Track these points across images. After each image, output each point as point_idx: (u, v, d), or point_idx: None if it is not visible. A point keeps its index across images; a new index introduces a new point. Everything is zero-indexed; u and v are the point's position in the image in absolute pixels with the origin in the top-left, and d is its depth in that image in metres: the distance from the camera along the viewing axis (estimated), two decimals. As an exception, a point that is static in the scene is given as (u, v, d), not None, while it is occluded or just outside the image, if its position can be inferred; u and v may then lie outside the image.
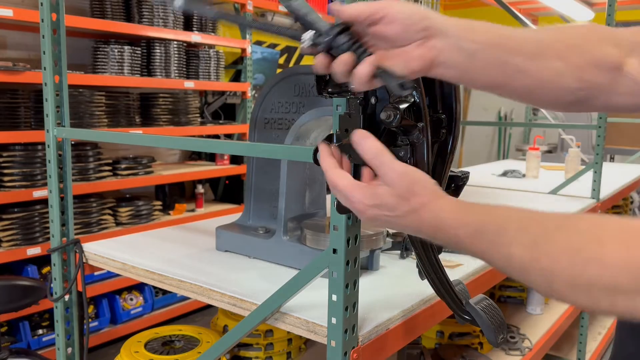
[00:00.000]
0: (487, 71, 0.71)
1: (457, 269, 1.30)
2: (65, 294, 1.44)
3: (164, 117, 3.66)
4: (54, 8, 1.39)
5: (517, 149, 5.44)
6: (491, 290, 2.42)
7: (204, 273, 1.22)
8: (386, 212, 0.69)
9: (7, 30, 3.19)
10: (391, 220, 0.70)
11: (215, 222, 1.50)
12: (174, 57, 3.62)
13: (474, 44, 0.69)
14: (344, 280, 0.87)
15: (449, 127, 0.84)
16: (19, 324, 2.96)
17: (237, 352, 1.46)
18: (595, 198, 2.30)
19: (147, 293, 3.57)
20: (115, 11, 3.34)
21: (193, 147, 1.27)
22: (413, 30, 0.67)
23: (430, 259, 0.87)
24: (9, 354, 2.49)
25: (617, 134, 4.90)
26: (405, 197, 0.68)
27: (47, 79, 1.40)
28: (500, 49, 0.70)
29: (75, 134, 1.46)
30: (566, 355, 2.77)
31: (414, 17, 0.67)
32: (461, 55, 0.69)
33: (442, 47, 0.68)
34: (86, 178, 3.15)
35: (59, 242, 1.45)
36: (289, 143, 1.30)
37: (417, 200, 0.67)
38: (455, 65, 0.70)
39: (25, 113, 3.00)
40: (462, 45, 0.69)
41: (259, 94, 1.41)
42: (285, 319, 1.00)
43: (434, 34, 0.68)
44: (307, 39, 0.69)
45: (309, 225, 1.24)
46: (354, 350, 0.91)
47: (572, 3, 4.10)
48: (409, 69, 0.68)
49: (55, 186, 1.43)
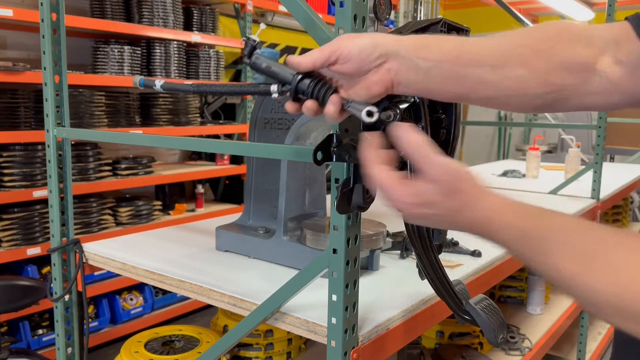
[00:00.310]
0: (444, 86, 0.73)
1: (457, 269, 1.30)
2: (65, 294, 1.44)
3: (164, 117, 3.66)
4: (54, 8, 1.39)
5: (517, 149, 5.44)
6: (491, 290, 2.42)
7: (204, 273, 1.22)
8: (430, 210, 0.67)
9: (7, 30, 3.19)
10: (435, 220, 0.68)
11: (215, 222, 1.50)
12: (174, 57, 3.62)
13: (426, 62, 0.71)
14: (344, 280, 0.86)
15: (449, 127, 0.84)
16: (19, 324, 2.96)
17: (237, 352, 1.46)
18: (595, 198, 2.30)
19: (147, 293, 3.57)
20: (115, 11, 3.34)
21: (193, 147, 1.27)
22: (368, 60, 0.69)
23: (430, 259, 0.87)
24: (9, 354, 2.49)
25: (617, 134, 4.90)
26: (450, 195, 0.66)
27: (47, 79, 1.40)
28: (457, 64, 0.72)
29: (75, 134, 1.46)
30: (566, 355, 2.77)
31: (366, 50, 0.69)
32: (416, 73, 0.71)
33: (398, 68, 0.70)
34: (86, 178, 3.15)
35: (59, 242, 1.45)
36: (289, 143, 1.30)
37: (463, 197, 0.65)
38: (413, 84, 0.72)
39: (25, 113, 3.00)
40: (416, 64, 0.71)
41: (259, 94, 1.41)
42: (285, 319, 1.00)
43: (389, 58, 0.70)
44: (274, 91, 0.74)
45: (309, 225, 1.24)
46: (354, 350, 0.91)
47: (572, 3, 4.10)
48: (371, 94, 0.70)
49: (55, 186, 1.43)
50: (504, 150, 7.11)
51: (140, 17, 3.43)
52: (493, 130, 7.17)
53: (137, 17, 3.43)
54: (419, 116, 0.77)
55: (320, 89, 0.71)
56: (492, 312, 0.92)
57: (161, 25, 3.49)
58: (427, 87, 0.73)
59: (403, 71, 0.70)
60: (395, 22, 5.20)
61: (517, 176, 3.03)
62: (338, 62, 0.70)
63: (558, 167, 3.31)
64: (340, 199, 0.80)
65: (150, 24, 3.44)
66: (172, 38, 3.56)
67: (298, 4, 0.85)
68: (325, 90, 0.71)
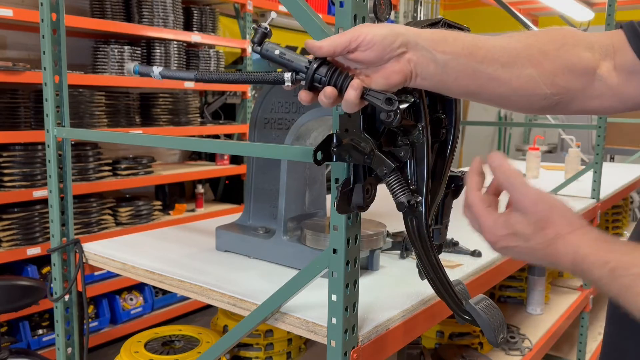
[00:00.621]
0: (460, 80, 0.73)
1: (457, 269, 1.30)
2: (65, 294, 1.44)
3: (164, 117, 3.66)
4: (54, 8, 1.39)
5: (517, 149, 5.45)
6: (491, 290, 2.42)
7: (204, 273, 1.22)
8: (520, 242, 0.66)
9: (7, 30, 3.19)
10: (524, 252, 0.67)
11: (215, 222, 1.50)
12: (174, 57, 3.62)
13: (444, 55, 0.71)
14: (344, 280, 0.86)
15: (449, 127, 0.84)
16: (19, 324, 2.96)
17: (237, 352, 1.45)
18: (595, 198, 2.30)
19: (147, 293, 3.57)
20: (115, 11, 3.34)
21: (193, 147, 1.27)
22: (390, 49, 0.69)
23: (430, 259, 0.87)
24: (9, 354, 2.49)
25: (617, 134, 4.90)
26: (541, 226, 0.65)
27: (47, 79, 1.40)
28: (471, 59, 0.72)
29: (75, 134, 1.45)
30: (566, 355, 2.77)
31: (389, 37, 0.69)
32: (434, 67, 0.71)
33: (417, 60, 0.70)
34: (86, 178, 3.15)
35: (59, 242, 1.45)
36: (289, 143, 1.30)
37: (554, 230, 0.64)
38: (430, 76, 0.72)
39: (25, 113, 3.00)
40: (434, 57, 0.71)
41: (259, 94, 1.41)
42: (285, 319, 1.00)
43: (409, 48, 0.70)
44: (287, 80, 0.71)
45: (309, 225, 1.24)
46: (354, 350, 0.91)
47: (572, 3, 4.10)
48: (390, 84, 0.70)
49: (55, 186, 1.43)
50: (504, 151, 7.11)
51: (140, 17, 3.43)
52: (493, 130, 7.18)
53: (137, 17, 3.43)
54: (419, 116, 0.77)
55: (339, 76, 0.70)
56: (492, 312, 0.92)
57: (161, 25, 3.49)
58: (444, 81, 0.73)
59: (422, 63, 0.71)
60: (395, 22, 5.20)
61: (517, 176, 3.03)
62: (359, 48, 0.69)
63: (558, 167, 3.31)
64: (340, 199, 0.80)
65: (150, 24, 3.44)
66: (172, 38, 3.56)
67: (298, 4, 0.85)
68: (343, 78, 0.69)
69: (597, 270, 0.62)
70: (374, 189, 0.83)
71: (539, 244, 0.65)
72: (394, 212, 0.82)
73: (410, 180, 0.79)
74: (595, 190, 2.31)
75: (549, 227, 0.64)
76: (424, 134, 0.77)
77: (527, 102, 0.77)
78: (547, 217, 0.65)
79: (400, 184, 0.78)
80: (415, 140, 0.78)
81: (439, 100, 0.88)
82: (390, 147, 0.80)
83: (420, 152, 0.78)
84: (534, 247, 0.66)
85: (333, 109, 0.85)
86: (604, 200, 2.36)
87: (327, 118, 1.26)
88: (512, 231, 0.66)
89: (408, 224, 0.82)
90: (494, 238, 0.68)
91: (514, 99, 0.77)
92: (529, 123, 5.01)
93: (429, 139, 0.77)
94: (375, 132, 0.78)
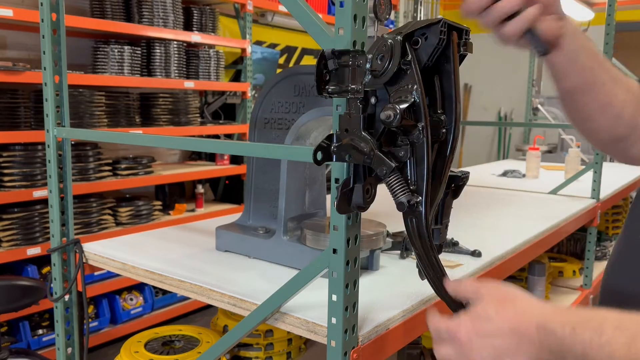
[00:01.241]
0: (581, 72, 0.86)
1: (457, 269, 1.30)
2: (65, 294, 1.44)
3: (164, 117, 3.66)
4: (54, 8, 1.39)
5: (517, 149, 5.43)
6: (491, 290, 2.41)
7: (204, 273, 1.22)
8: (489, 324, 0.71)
9: (7, 30, 3.19)
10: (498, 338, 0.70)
11: (215, 222, 1.50)
12: (174, 57, 3.62)
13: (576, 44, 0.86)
14: (344, 280, 0.86)
15: (449, 127, 0.84)
16: (19, 324, 2.96)
17: (237, 352, 1.45)
18: (595, 198, 2.30)
19: (147, 293, 3.57)
20: (115, 11, 3.34)
21: (193, 147, 1.27)
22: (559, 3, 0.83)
23: (430, 259, 0.87)
24: (9, 354, 2.49)
25: (617, 134, 4.88)
26: (502, 302, 0.72)
27: (47, 79, 1.40)
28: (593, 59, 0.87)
29: (75, 134, 1.45)
30: (566, 355, 2.76)
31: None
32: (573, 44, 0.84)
33: (566, 32, 0.83)
34: (86, 178, 3.15)
35: (59, 242, 1.45)
36: (289, 143, 1.30)
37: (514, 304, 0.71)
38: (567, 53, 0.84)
39: (25, 113, 3.00)
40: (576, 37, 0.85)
41: (259, 94, 1.41)
42: (285, 319, 1.00)
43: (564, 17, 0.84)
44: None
45: (309, 225, 1.24)
46: (354, 350, 0.91)
47: (572, 3, 4.10)
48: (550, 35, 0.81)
49: (55, 186, 1.43)
50: (504, 151, 7.11)
51: (140, 17, 3.43)
52: (493, 130, 7.17)
53: (137, 17, 3.43)
54: (419, 116, 0.76)
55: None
56: (492, 312, 0.92)
57: (161, 25, 3.49)
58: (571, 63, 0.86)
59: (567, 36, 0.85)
60: (395, 22, 5.20)
61: (517, 176, 3.03)
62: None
63: (558, 167, 3.31)
64: (340, 199, 0.80)
65: (150, 24, 3.44)
66: (172, 38, 3.56)
67: (298, 4, 0.85)
68: None
69: (559, 331, 0.67)
70: (374, 189, 0.83)
71: (505, 320, 0.70)
72: (394, 212, 0.82)
73: (410, 180, 0.79)
74: (595, 190, 2.30)
75: (509, 301, 0.72)
76: (424, 134, 0.77)
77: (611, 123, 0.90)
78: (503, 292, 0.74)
79: (400, 184, 0.78)
80: (415, 140, 0.78)
81: (439, 100, 0.87)
82: (390, 147, 0.80)
83: (420, 152, 0.78)
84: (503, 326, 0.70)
85: (333, 109, 0.85)
86: (604, 200, 2.36)
87: (327, 118, 1.26)
88: (479, 318, 0.72)
89: (408, 224, 0.82)
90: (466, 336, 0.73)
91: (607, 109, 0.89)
92: (529, 123, 5.01)
93: (429, 139, 0.77)
94: (375, 132, 0.78)
